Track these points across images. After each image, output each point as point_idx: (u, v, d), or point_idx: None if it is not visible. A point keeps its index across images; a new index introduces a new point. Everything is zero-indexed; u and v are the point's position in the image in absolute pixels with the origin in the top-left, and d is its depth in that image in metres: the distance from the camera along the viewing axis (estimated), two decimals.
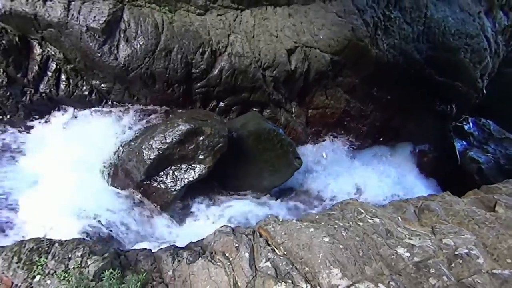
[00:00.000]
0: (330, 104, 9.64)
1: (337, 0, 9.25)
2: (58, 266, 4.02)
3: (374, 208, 4.58)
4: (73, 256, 4.17)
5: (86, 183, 6.21)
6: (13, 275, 3.94)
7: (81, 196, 6.01)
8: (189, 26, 7.21)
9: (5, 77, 5.93)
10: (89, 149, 6.48)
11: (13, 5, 5.75)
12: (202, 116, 7.03)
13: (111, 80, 6.81)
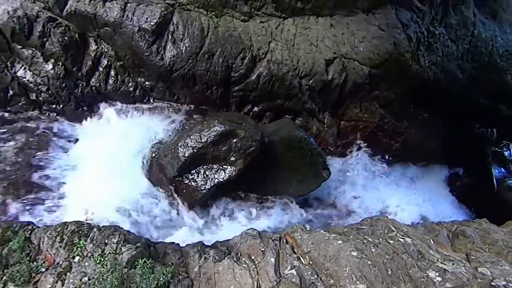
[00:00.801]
0: (363, 117, 9.51)
1: (381, 13, 9.14)
2: (96, 250, 4.29)
3: (406, 227, 4.48)
4: (109, 242, 4.43)
5: (124, 174, 6.55)
6: (56, 254, 4.25)
7: (119, 186, 6.35)
8: (232, 31, 7.42)
9: (63, 70, 6.42)
10: (130, 142, 6.83)
11: (77, 5, 6.25)
12: (237, 119, 7.18)
13: (155, 78, 7.16)
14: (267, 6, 7.86)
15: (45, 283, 3.90)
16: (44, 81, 6.51)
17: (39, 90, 6.54)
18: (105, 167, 6.43)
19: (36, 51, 6.34)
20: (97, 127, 6.92)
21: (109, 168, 6.42)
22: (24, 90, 6.56)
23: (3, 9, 5.85)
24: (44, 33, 6.22)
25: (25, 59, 6.37)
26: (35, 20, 6.12)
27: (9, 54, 6.33)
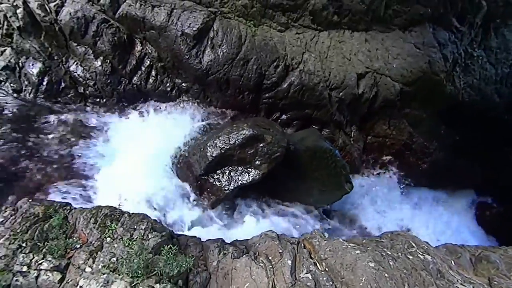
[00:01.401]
0: (391, 134, 9.38)
1: (417, 32, 9.05)
2: (125, 234, 4.57)
3: (427, 245, 4.41)
4: (138, 228, 4.70)
5: (154, 167, 6.90)
6: (89, 233, 4.58)
7: (149, 178, 6.69)
8: (268, 40, 7.67)
9: (109, 67, 6.95)
10: (162, 138, 7.19)
11: (129, 9, 6.78)
12: (265, 125, 7.36)
13: (191, 80, 7.53)
14: (304, 18, 8.06)
15: (78, 258, 4.22)
16: (92, 76, 7.07)
17: (87, 84, 7.10)
18: (138, 160, 6.81)
19: (89, 48, 6.92)
20: (134, 122, 7.37)
21: (141, 161, 6.79)
22: (74, 84, 7.15)
23: (66, 11, 6.48)
24: (97, 32, 6.78)
25: (78, 55, 6.96)
26: (91, 21, 6.70)
27: (65, 51, 6.95)
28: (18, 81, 6.92)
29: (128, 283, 3.87)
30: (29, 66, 6.92)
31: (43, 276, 4.02)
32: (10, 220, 4.58)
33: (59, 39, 6.81)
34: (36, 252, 4.19)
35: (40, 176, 5.87)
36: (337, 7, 8.07)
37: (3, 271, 3.94)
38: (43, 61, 6.88)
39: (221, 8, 7.25)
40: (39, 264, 4.07)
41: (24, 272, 4.01)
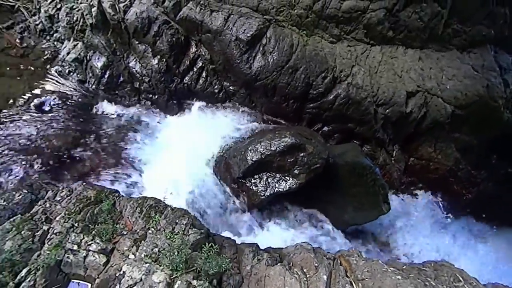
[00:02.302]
0: (436, 158, 8.90)
1: (477, 53, 8.55)
2: (167, 227, 4.70)
3: (476, 282, 4.09)
4: (179, 222, 4.82)
5: (195, 165, 7.07)
6: (135, 222, 4.77)
7: (189, 175, 6.87)
8: (319, 51, 7.61)
9: (165, 66, 7.28)
10: (205, 137, 7.37)
11: (189, 12, 7.09)
12: (307, 134, 7.27)
13: (239, 84, 7.65)
14: (357, 32, 7.91)
15: (123, 245, 4.40)
16: (148, 73, 7.43)
17: (142, 80, 7.48)
18: (181, 156, 7.03)
19: (148, 47, 7.30)
20: (181, 119, 7.63)
21: (184, 158, 7.00)
22: (131, 79, 7.57)
23: (133, 11, 6.92)
24: (158, 33, 7.14)
25: (138, 52, 7.37)
26: (154, 21, 7.07)
27: (127, 48, 7.39)
28: (84, 73, 7.45)
29: (167, 275, 3.96)
30: (95, 60, 7.44)
31: (91, 257, 4.23)
32: (66, 200, 4.90)
33: (123, 36, 7.25)
34: (86, 233, 4.43)
35: (93, 162, 6.24)
36: (393, 23, 7.84)
37: (57, 247, 4.20)
38: (107, 56, 7.36)
39: (276, 16, 7.31)
40: (88, 245, 4.30)
41: (74, 251, 4.25)
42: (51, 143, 6.06)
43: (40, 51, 7.70)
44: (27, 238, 4.28)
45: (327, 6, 7.55)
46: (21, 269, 3.93)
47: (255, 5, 7.22)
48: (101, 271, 4.17)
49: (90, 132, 6.59)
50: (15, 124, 6.12)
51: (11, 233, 4.29)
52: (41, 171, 5.66)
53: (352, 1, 7.56)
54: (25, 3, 8.33)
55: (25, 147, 5.84)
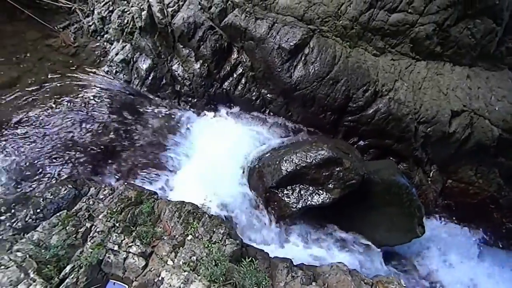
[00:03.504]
0: (477, 182, 8.41)
1: None
2: (205, 235, 4.68)
3: None
4: (216, 231, 4.79)
5: (229, 172, 7.04)
6: (173, 227, 4.79)
7: (222, 181, 6.84)
8: (362, 63, 7.41)
9: (206, 70, 7.34)
10: (240, 144, 7.34)
11: (234, 19, 7.10)
12: (345, 148, 7.07)
13: (277, 93, 7.58)
14: (403, 45, 7.64)
15: (162, 249, 4.42)
16: (189, 77, 7.52)
17: (183, 84, 7.57)
18: (215, 161, 7.03)
19: (192, 51, 7.38)
20: (218, 124, 7.65)
21: (218, 163, 7.00)
22: (172, 81, 7.68)
23: (180, 16, 7.04)
24: (202, 38, 7.21)
25: (182, 56, 7.47)
26: (200, 26, 7.15)
27: (171, 51, 7.52)
28: (130, 73, 7.65)
29: (205, 286, 3.92)
30: (141, 62, 7.62)
31: (130, 259, 4.27)
32: (108, 198, 5.00)
33: (168, 40, 7.38)
34: (127, 234, 4.48)
35: (131, 160, 6.36)
36: (442, 38, 7.51)
37: (99, 245, 4.28)
38: (153, 58, 7.52)
39: (320, 26, 7.20)
40: (129, 247, 4.34)
41: (115, 251, 4.30)
42: (95, 140, 6.24)
43: (90, 51, 8.00)
44: (71, 234, 4.39)
45: (373, 18, 7.35)
46: (65, 265, 4.02)
47: (300, 14, 7.14)
48: (139, 274, 4.20)
49: (132, 131, 6.73)
50: (63, 121, 6.35)
51: (57, 227, 4.42)
52: (84, 167, 5.82)
53: (401, 14, 7.32)
54: (81, 5, 8.71)
55: (70, 142, 6.04)
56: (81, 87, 7.00)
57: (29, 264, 3.93)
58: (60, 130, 6.15)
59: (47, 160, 5.72)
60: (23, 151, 5.75)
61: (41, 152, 5.79)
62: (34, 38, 7.89)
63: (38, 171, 5.57)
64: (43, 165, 5.66)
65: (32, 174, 5.52)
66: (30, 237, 4.23)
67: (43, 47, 7.78)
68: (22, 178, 5.43)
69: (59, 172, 5.63)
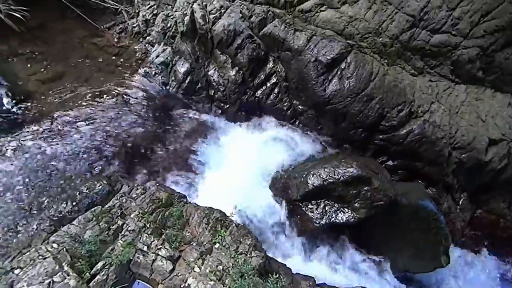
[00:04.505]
0: (509, 215, 8.04)
1: None
2: (232, 245, 4.66)
3: None
4: (243, 242, 4.76)
5: (254, 181, 7.04)
6: (201, 233, 4.80)
7: (247, 190, 6.83)
8: (398, 82, 7.24)
9: (241, 78, 7.40)
10: (267, 154, 7.31)
11: (274, 29, 7.12)
12: (374, 168, 6.92)
13: (309, 105, 7.52)
14: (442, 67, 7.43)
15: (189, 255, 4.44)
16: (224, 83, 7.59)
17: (217, 89, 7.66)
18: (241, 169, 7.03)
19: (229, 58, 7.46)
20: (247, 131, 7.66)
21: (244, 172, 7.00)
22: (207, 86, 7.78)
23: (221, 23, 7.13)
24: (240, 45, 7.27)
25: (219, 62, 7.56)
26: (239, 34, 7.21)
27: (209, 56, 7.62)
28: (168, 76, 7.83)
29: None
30: (179, 65, 7.77)
31: (159, 261, 4.31)
32: (140, 198, 5.08)
33: (207, 45, 7.50)
34: (156, 236, 4.53)
35: (162, 161, 6.47)
36: (486, 63, 7.25)
37: (130, 245, 4.35)
38: (191, 62, 7.65)
39: (359, 42, 7.11)
40: (158, 249, 4.39)
41: (144, 252, 4.36)
42: (129, 138, 6.39)
43: (132, 52, 8.26)
44: (103, 230, 4.49)
45: (415, 38, 7.19)
46: (96, 261, 4.11)
47: (340, 28, 7.08)
48: (166, 277, 4.23)
49: (164, 132, 6.86)
50: (101, 117, 6.55)
51: (91, 222, 4.53)
52: (118, 164, 5.97)
53: (444, 36, 7.12)
54: (127, 6, 9.00)
55: (106, 139, 6.22)
56: (121, 86, 7.21)
57: (63, 257, 4.04)
58: (97, 126, 6.35)
59: (84, 154, 5.92)
60: (62, 145, 5.97)
61: (78, 147, 5.99)
62: (81, 36, 8.24)
63: (75, 164, 5.75)
64: (80, 159, 5.85)
65: (69, 167, 5.71)
66: (67, 230, 4.35)
67: (89, 45, 8.10)
68: (60, 170, 5.62)
69: (94, 167, 5.79)
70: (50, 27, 8.13)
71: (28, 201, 5.08)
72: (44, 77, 7.03)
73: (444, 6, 6.93)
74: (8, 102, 6.24)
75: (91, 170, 5.67)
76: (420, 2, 6.96)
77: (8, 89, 6.39)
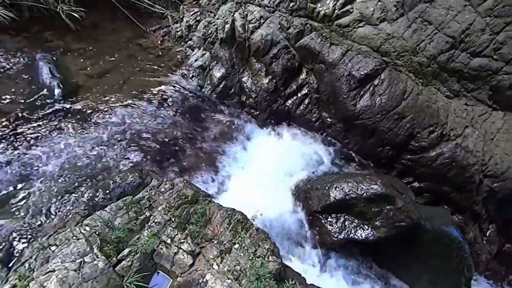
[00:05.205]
0: None
1: None
2: (250, 247, 4.71)
3: None
4: (262, 245, 4.80)
5: (278, 188, 7.05)
6: (222, 232, 4.90)
7: (270, 196, 6.84)
8: (432, 103, 7.04)
9: (273, 86, 7.50)
10: (293, 161, 7.32)
11: (310, 42, 7.19)
12: (400, 188, 6.72)
13: (338, 118, 7.48)
14: (480, 91, 7.13)
15: (210, 252, 4.54)
16: (256, 90, 7.73)
17: (249, 96, 7.81)
18: (266, 175, 7.08)
19: (263, 66, 7.60)
20: (274, 138, 7.72)
21: (268, 178, 7.03)
22: (240, 92, 7.96)
23: (259, 32, 7.32)
24: (276, 55, 7.39)
25: (253, 70, 7.72)
26: (275, 44, 7.34)
27: (244, 63, 7.81)
28: (204, 79, 8.11)
29: None
30: (216, 70, 8.02)
31: (180, 255, 4.43)
32: (168, 193, 5.26)
33: (244, 53, 7.69)
34: (180, 230, 4.67)
35: (190, 160, 6.65)
36: None
37: (155, 236, 4.52)
38: (226, 68, 7.88)
39: (395, 60, 7.00)
40: (180, 243, 4.52)
41: (167, 244, 4.51)
42: (162, 135, 6.64)
43: (173, 54, 8.65)
44: (132, 219, 4.69)
45: (453, 59, 6.98)
46: (123, 247, 4.31)
47: (376, 45, 7.02)
48: (185, 271, 4.34)
49: (196, 132, 7.07)
50: (139, 113, 6.88)
51: (121, 211, 4.76)
52: (149, 159, 6.22)
53: (484, 60, 6.85)
54: (173, 12, 9.47)
55: (141, 134, 6.51)
56: (160, 85, 7.55)
57: (94, 240, 4.27)
58: (134, 121, 6.66)
59: (120, 146, 6.23)
60: (101, 135, 6.33)
61: (115, 139, 6.31)
62: (128, 36, 8.75)
63: (111, 155, 6.07)
64: (116, 150, 6.16)
65: (105, 157, 6.04)
66: (100, 215, 4.60)
67: (134, 46, 8.58)
68: (97, 159, 5.96)
69: (128, 159, 6.08)
70: (102, 27, 8.72)
71: (66, 185, 5.41)
72: (92, 72, 7.51)
73: (487, 30, 6.69)
74: (58, 93, 6.71)
75: (125, 162, 5.95)
76: (462, 24, 6.76)
77: (60, 81, 6.87)
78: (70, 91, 6.94)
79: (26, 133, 6.02)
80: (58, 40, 7.99)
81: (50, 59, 7.29)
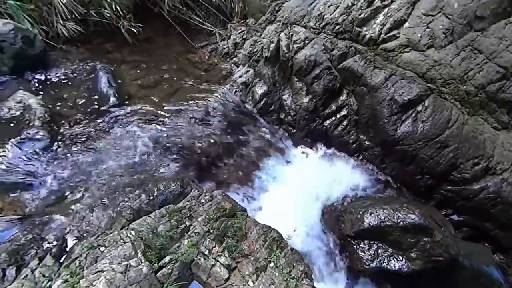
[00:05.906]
0: None
1: None
2: (285, 267, 4.68)
3: None
4: (296, 267, 4.75)
5: (310, 206, 7.00)
6: (258, 249, 4.92)
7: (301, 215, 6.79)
8: (478, 134, 6.70)
9: (313, 106, 7.50)
10: (328, 182, 7.22)
11: (353, 64, 7.16)
12: (439, 220, 6.41)
13: (376, 142, 7.31)
14: None
15: (245, 268, 4.56)
16: (295, 109, 7.79)
17: (288, 113, 7.88)
18: (299, 194, 7.03)
19: (304, 86, 7.65)
20: (311, 158, 7.68)
21: (301, 197, 6.99)
22: (279, 109, 8.05)
23: (303, 53, 7.42)
24: (318, 76, 7.43)
25: (294, 89, 7.80)
26: (318, 65, 7.38)
27: (285, 82, 7.92)
28: (246, 95, 8.33)
29: None
30: (258, 87, 8.20)
31: (217, 267, 4.49)
32: (207, 204, 5.38)
33: (286, 72, 7.81)
34: (217, 243, 4.75)
35: (228, 173, 6.79)
36: None
37: (194, 246, 4.63)
38: (268, 85, 8.04)
39: (441, 87, 6.77)
40: (218, 255, 4.59)
41: (205, 255, 4.59)
42: (204, 146, 6.85)
43: (219, 70, 9.00)
44: (173, 228, 4.84)
45: (503, 90, 6.62)
46: (165, 254, 4.45)
47: (422, 71, 6.84)
48: (220, 284, 4.39)
49: (236, 145, 7.23)
50: (183, 124, 7.17)
51: (164, 218, 4.93)
52: (190, 169, 6.42)
53: None
54: (221, 29, 9.92)
55: (183, 144, 6.75)
56: (205, 99, 7.83)
57: (138, 244, 4.45)
58: (179, 131, 6.94)
59: (164, 154, 6.50)
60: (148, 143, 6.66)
61: (161, 147, 6.61)
62: (178, 51, 9.25)
63: (155, 162, 6.34)
64: (160, 158, 6.44)
65: (150, 164, 6.32)
66: (146, 220, 4.80)
67: (183, 60, 9.04)
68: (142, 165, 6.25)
69: (170, 167, 6.32)
70: (155, 41, 9.28)
71: (114, 188, 5.70)
72: (143, 83, 7.98)
73: None
74: (113, 101, 7.18)
75: (166, 169, 6.18)
76: None
77: (116, 90, 7.36)
78: (123, 100, 7.41)
79: (82, 136, 6.48)
80: (116, 52, 8.60)
81: (108, 69, 7.83)
